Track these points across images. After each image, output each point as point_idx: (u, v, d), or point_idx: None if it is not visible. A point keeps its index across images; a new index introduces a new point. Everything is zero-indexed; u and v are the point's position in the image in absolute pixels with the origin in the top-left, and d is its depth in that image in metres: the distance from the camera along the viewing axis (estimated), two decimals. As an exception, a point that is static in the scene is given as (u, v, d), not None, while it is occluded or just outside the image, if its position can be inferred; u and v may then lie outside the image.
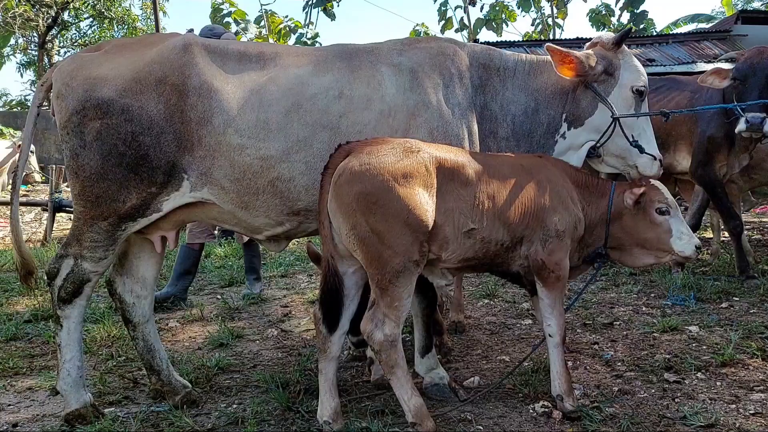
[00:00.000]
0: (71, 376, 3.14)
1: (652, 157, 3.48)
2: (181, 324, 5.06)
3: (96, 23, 26.81)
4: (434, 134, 3.23)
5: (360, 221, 2.71)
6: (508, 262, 3.04)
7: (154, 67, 3.05)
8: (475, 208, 2.86)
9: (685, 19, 25.15)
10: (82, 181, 3.04)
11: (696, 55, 14.80)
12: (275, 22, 24.19)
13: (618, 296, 5.38)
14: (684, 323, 4.41)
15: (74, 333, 3.17)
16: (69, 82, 3.04)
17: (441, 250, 2.86)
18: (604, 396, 3.27)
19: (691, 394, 3.26)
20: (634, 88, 3.50)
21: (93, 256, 3.11)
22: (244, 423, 3.10)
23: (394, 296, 2.76)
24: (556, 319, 3.04)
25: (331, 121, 3.13)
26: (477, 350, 4.18)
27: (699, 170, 5.67)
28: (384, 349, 2.80)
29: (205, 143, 3.04)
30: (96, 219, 3.06)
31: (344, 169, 2.76)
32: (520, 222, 2.94)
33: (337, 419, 2.95)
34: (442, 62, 3.38)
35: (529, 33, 27.91)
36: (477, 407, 3.23)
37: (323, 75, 3.20)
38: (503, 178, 2.95)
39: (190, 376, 3.68)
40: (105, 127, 2.98)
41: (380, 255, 2.71)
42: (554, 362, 3.07)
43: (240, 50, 3.24)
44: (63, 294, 3.12)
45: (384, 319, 2.79)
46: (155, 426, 3.11)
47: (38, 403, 3.48)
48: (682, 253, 3.11)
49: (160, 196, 3.08)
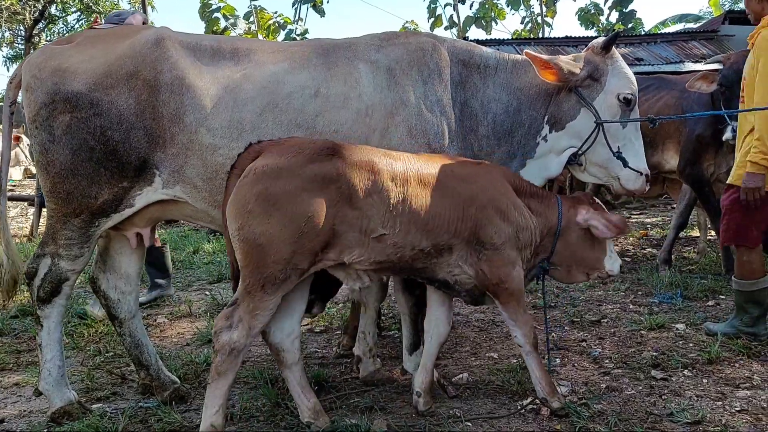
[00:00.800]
0: (52, 376, 3.12)
1: (637, 172, 3.40)
2: (170, 320, 5.03)
3: (84, 17, 26.57)
4: (413, 132, 3.19)
5: (251, 222, 2.55)
6: (433, 269, 2.88)
7: (125, 60, 2.99)
8: (387, 213, 2.68)
9: (673, 19, 25.31)
10: (52, 178, 3.00)
11: (684, 54, 14.91)
12: (264, 18, 24.04)
13: (606, 294, 5.41)
14: (671, 321, 4.44)
15: (54, 333, 3.14)
16: (38, 75, 2.99)
17: (342, 255, 2.69)
18: (591, 393, 3.29)
19: (678, 391, 3.29)
20: (620, 95, 3.39)
21: (69, 254, 3.08)
22: (233, 419, 3.09)
23: (258, 304, 2.60)
24: (519, 329, 2.98)
25: (306, 121, 3.08)
26: (465, 347, 4.19)
27: (687, 169, 5.71)
28: (223, 353, 2.61)
29: (177, 141, 2.99)
30: (69, 216, 3.03)
31: (250, 170, 2.63)
32: (442, 229, 2.78)
33: (318, 417, 2.92)
34: (421, 58, 3.32)
35: (518, 31, 27.97)
36: (466, 404, 3.24)
37: (299, 72, 3.14)
38: (427, 184, 2.78)
39: (179, 372, 3.67)
40: (74, 121, 2.93)
41: (262, 259, 2.56)
42: (531, 368, 3.04)
43: (214, 46, 3.18)
44: (42, 294, 3.10)
45: (238, 324, 2.62)
46: (144, 422, 3.10)
47: (25, 398, 3.46)
48: (611, 272, 3.17)
49: (132, 191, 3.04)
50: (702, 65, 12.99)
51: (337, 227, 2.63)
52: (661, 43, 15.69)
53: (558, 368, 3.68)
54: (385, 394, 3.39)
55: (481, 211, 2.85)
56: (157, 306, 5.43)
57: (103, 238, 3.34)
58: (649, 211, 11.33)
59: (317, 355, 4.16)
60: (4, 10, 20.55)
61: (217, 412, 2.66)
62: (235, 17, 22.72)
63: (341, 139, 3.10)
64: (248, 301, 2.61)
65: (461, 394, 3.37)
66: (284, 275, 2.59)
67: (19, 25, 23.87)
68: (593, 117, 3.38)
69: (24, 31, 24.04)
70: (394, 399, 3.33)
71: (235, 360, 2.64)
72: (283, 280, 2.60)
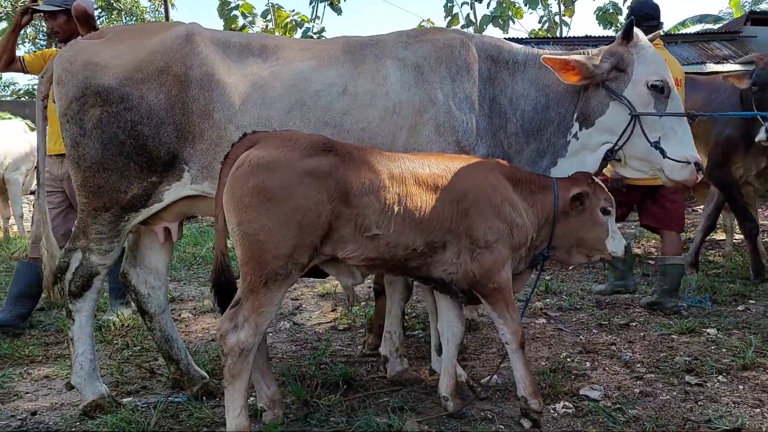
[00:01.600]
0: (84, 369, 3.13)
1: (681, 162, 3.20)
2: (194, 315, 5.04)
3: (104, 14, 26.77)
4: (441, 130, 3.16)
5: (249, 217, 2.51)
6: (428, 267, 2.84)
7: (156, 56, 2.99)
8: (382, 213, 2.63)
9: (692, 20, 25.10)
10: (83, 171, 3.01)
11: (705, 55, 14.77)
12: (282, 16, 24.11)
13: (632, 297, 5.35)
14: (701, 325, 4.37)
15: (86, 327, 3.15)
16: (69, 68, 3.00)
17: (336, 250, 2.66)
18: (625, 398, 3.24)
19: (714, 397, 3.23)
20: (649, 83, 3.21)
21: (99, 248, 3.09)
22: (261, 416, 3.07)
23: (263, 301, 2.55)
24: (507, 326, 2.91)
25: (334, 119, 3.06)
26: (492, 349, 4.15)
27: (715, 171, 5.63)
28: (233, 355, 2.56)
29: (206, 137, 2.99)
30: (99, 210, 3.04)
31: (244, 161, 2.56)
32: (435, 228, 2.74)
33: (274, 406, 2.91)
34: (449, 55, 3.27)
35: (535, 30, 27.82)
36: (496, 406, 3.21)
37: (327, 70, 3.13)
38: (422, 184, 2.73)
39: (207, 367, 3.66)
40: (105, 115, 2.94)
41: (262, 255, 2.51)
42: (515, 367, 2.96)
43: (243, 42, 3.17)
44: (73, 288, 3.11)
45: (244, 324, 2.56)
46: (175, 416, 3.09)
47: (56, 391, 3.46)
48: (615, 253, 3.06)
49: (161, 186, 3.05)
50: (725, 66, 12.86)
51: (333, 222, 2.59)
52: (682, 43, 15.56)
53: (588, 372, 3.63)
54: (414, 395, 3.36)
55: (474, 207, 2.81)
56: (180, 301, 5.44)
57: (133, 234, 3.35)
58: (670, 214, 11.21)
59: (342, 353, 4.14)
60: (27, 5, 20.72)
61: (240, 413, 2.62)
62: (253, 15, 22.82)
63: (369, 137, 3.08)
64: (252, 300, 2.55)
65: (491, 396, 3.33)
66: (286, 271, 2.55)
67: (42, 21, 24.04)
68: (626, 110, 3.23)
69: (46, 27, 24.25)
70: (423, 399, 3.30)
71: (247, 360, 2.59)
72: (285, 276, 2.56)
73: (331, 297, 5.68)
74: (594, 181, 3.10)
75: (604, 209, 3.04)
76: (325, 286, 5.90)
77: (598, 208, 3.04)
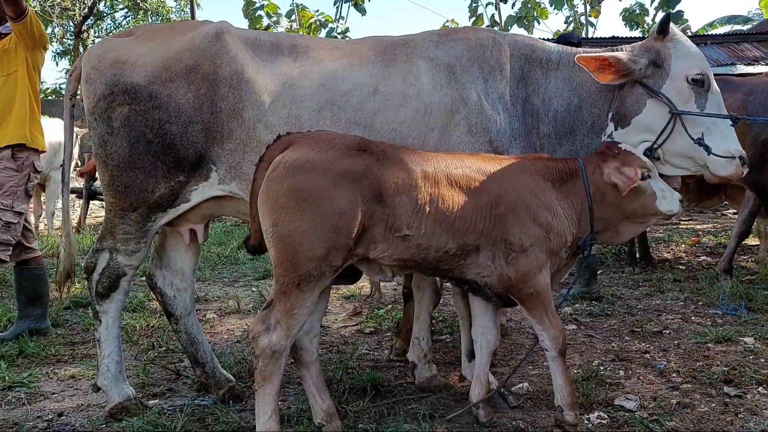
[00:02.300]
0: (111, 371, 3.11)
1: (726, 157, 3.11)
2: (219, 316, 5.02)
3: (131, 14, 27.04)
4: (473, 131, 3.09)
5: (284, 218, 2.48)
6: (461, 270, 2.77)
7: (185, 54, 2.96)
8: (414, 214, 2.59)
9: (720, 21, 24.69)
10: (110, 170, 2.99)
11: (735, 56, 14.47)
12: (306, 16, 24.15)
13: (664, 303, 5.22)
14: (738, 334, 4.24)
15: (112, 328, 3.13)
16: (98, 66, 2.98)
17: (368, 250, 2.62)
18: (662, 409, 3.14)
19: (755, 409, 3.12)
20: (688, 77, 3.10)
21: (126, 249, 3.07)
22: (289, 421, 3.03)
23: (296, 303, 2.52)
24: (547, 332, 2.82)
25: (365, 119, 3.01)
26: (521, 355, 4.06)
27: (752, 175, 5.42)
28: (264, 358, 2.53)
29: (235, 136, 2.96)
30: (126, 210, 3.02)
31: (280, 162, 2.54)
32: (468, 231, 2.67)
33: (331, 420, 2.83)
34: (481, 55, 3.20)
35: (560, 31, 27.54)
36: (529, 415, 3.13)
37: (357, 70, 3.08)
38: (455, 185, 2.67)
39: (233, 370, 3.63)
40: (133, 113, 2.92)
41: (296, 256, 2.48)
42: (555, 374, 2.87)
43: (273, 41, 3.14)
44: (100, 289, 3.09)
45: (276, 326, 2.53)
46: (201, 420, 3.06)
47: (82, 392, 3.45)
48: (670, 212, 2.93)
49: (189, 186, 3.02)
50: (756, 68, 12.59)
51: (366, 222, 2.55)
52: (711, 44, 15.26)
53: (622, 380, 3.54)
54: (443, 401, 3.30)
55: (510, 212, 2.73)
56: (205, 301, 5.43)
57: (159, 235, 3.33)
58: (699, 218, 11.01)
59: (369, 357, 4.09)
60: (56, 5, 21.02)
61: (270, 417, 2.58)
62: (278, 15, 22.88)
63: (400, 137, 3.02)
64: (284, 301, 2.53)
65: (523, 404, 3.25)
66: (319, 272, 2.51)
67: (69, 21, 24.41)
68: (665, 107, 3.12)
69: (73, 27, 24.56)
70: (453, 407, 3.23)
71: (278, 362, 2.56)
72: (318, 278, 2.53)
73: (356, 299, 5.63)
74: (622, 150, 2.95)
75: (642, 175, 2.88)
76: (350, 288, 5.84)
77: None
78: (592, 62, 3.11)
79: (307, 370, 2.85)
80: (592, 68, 3.12)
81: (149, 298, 5.17)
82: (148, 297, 5.17)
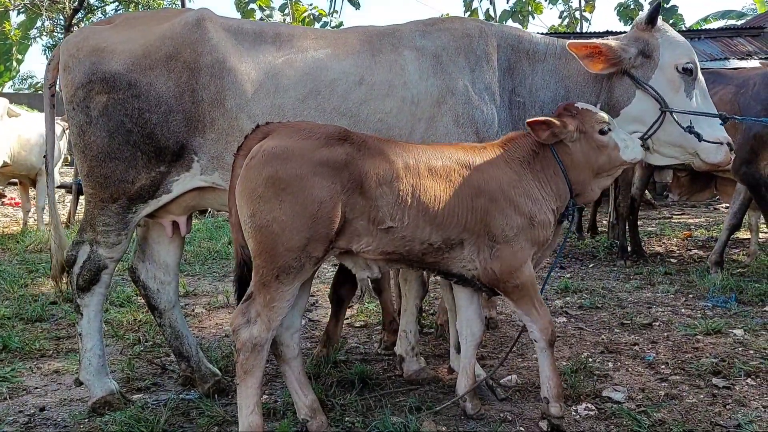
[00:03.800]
0: (93, 365, 3.07)
1: (716, 143, 3.09)
2: (207, 311, 4.98)
3: (122, 7, 26.84)
4: (460, 121, 3.06)
5: (262, 208, 2.44)
6: (446, 263, 2.75)
7: (165, 42, 2.91)
8: (396, 205, 2.55)
9: (715, 16, 24.77)
10: (89, 161, 2.94)
11: (729, 51, 14.47)
12: (299, 9, 24.10)
13: (654, 296, 5.21)
14: (727, 326, 4.23)
15: (94, 322, 3.09)
16: (76, 54, 2.93)
17: (350, 243, 2.58)
18: (650, 400, 3.12)
19: (743, 401, 3.10)
20: (678, 66, 3.10)
21: (107, 241, 3.02)
22: (276, 414, 3.00)
23: (275, 295, 2.48)
24: (535, 323, 2.80)
25: (350, 109, 2.98)
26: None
27: (743, 168, 5.46)
28: (245, 351, 2.50)
29: (217, 126, 2.91)
30: (106, 201, 2.97)
31: (258, 151, 2.50)
32: (452, 224, 2.64)
33: (315, 415, 2.79)
34: (468, 45, 3.18)
35: (555, 26, 27.54)
36: (517, 407, 3.11)
37: (343, 59, 3.04)
38: (437, 175, 2.64)
39: (220, 364, 3.60)
40: (111, 102, 2.86)
41: (275, 247, 2.44)
42: (542, 366, 2.85)
43: (256, 30, 3.09)
44: (81, 282, 3.04)
45: (256, 319, 2.50)
46: (185, 414, 3.03)
47: (65, 387, 3.41)
48: (634, 160, 2.92)
49: (170, 176, 2.97)
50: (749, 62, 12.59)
51: (348, 214, 2.52)
52: (705, 39, 15.25)
53: (611, 372, 3.52)
54: (431, 394, 3.28)
55: (491, 202, 2.70)
56: (194, 296, 5.39)
57: (142, 227, 3.29)
58: (691, 212, 11.03)
59: (358, 350, 4.06)
60: (45, -1, 20.84)
61: (253, 411, 2.55)
62: (271, 9, 22.84)
63: (386, 127, 3.00)
64: (264, 294, 2.49)
65: (511, 396, 3.23)
66: (299, 264, 2.48)
67: (59, 14, 24.20)
68: (652, 99, 3.11)
69: (63, 20, 24.36)
70: (441, 399, 3.20)
71: (259, 355, 2.52)
72: (299, 269, 2.49)
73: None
74: (579, 109, 2.91)
75: (600, 131, 2.87)
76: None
77: (596, 133, 2.87)
78: (583, 49, 3.08)
79: (289, 366, 2.81)
80: (582, 55, 3.08)
81: (136, 293, 5.11)
82: (135, 292, 5.12)
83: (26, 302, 4.93)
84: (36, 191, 9.20)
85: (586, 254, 7.16)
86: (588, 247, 7.54)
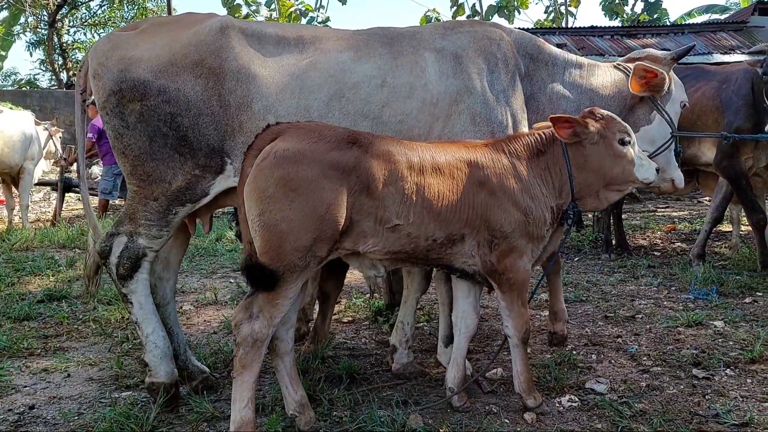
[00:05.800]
0: (159, 348, 3.05)
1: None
2: (196, 307, 5.00)
3: (106, 3, 26.64)
4: (477, 120, 3.16)
5: (272, 208, 2.50)
6: (449, 259, 2.83)
7: (190, 49, 2.96)
8: (402, 204, 2.63)
9: (699, 10, 24.89)
10: (131, 161, 2.98)
11: (712, 45, 14.62)
12: (286, 5, 23.95)
13: (638, 289, 5.29)
14: (708, 318, 4.32)
15: (146, 305, 3.07)
16: (104, 62, 2.97)
17: (356, 244, 2.66)
18: (632, 391, 3.19)
19: (722, 391, 3.18)
20: (682, 102, 3.61)
21: (148, 233, 3.04)
22: (264, 410, 3.03)
23: (278, 292, 2.54)
24: (513, 320, 2.89)
25: (372, 111, 3.05)
26: (497, 341, 4.10)
27: (724, 162, 5.56)
28: (245, 345, 2.55)
29: (246, 129, 2.96)
30: (148, 198, 3.01)
31: (269, 152, 2.56)
32: (454, 219, 2.72)
33: (304, 410, 2.84)
34: (488, 47, 3.29)
35: (540, 21, 27.61)
36: (502, 399, 3.16)
37: (365, 62, 3.10)
38: (440, 173, 2.72)
39: (208, 361, 3.63)
40: (146, 109, 2.92)
41: (282, 246, 2.50)
42: (514, 361, 2.96)
43: (278, 33, 3.14)
44: (122, 271, 3.04)
45: (259, 314, 2.56)
46: (174, 411, 3.05)
47: (54, 385, 3.42)
48: (646, 180, 2.95)
49: (206, 180, 3.01)
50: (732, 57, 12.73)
51: (354, 216, 2.59)
52: (688, 33, 15.41)
53: (594, 364, 3.59)
54: (418, 388, 3.32)
55: (491, 197, 2.77)
56: (182, 293, 5.40)
57: None
58: (676, 205, 11.15)
59: (346, 345, 4.09)
60: (29, -6, 20.65)
61: (246, 405, 2.60)
62: (257, 4, 22.69)
63: (406, 129, 3.07)
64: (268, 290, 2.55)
65: (496, 389, 3.29)
66: (304, 263, 2.54)
67: (43, 10, 23.99)
68: (667, 126, 3.53)
69: (47, 16, 24.15)
70: (428, 393, 3.26)
71: (259, 351, 2.58)
72: (303, 268, 2.55)
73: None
74: (604, 115, 2.96)
75: (621, 141, 2.91)
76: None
77: (615, 141, 2.90)
78: (651, 74, 3.42)
79: (282, 361, 2.85)
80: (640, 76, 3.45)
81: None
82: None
83: (13, 301, 4.92)
84: (20, 189, 9.12)
85: (572, 248, 7.24)
86: (573, 241, 7.61)
